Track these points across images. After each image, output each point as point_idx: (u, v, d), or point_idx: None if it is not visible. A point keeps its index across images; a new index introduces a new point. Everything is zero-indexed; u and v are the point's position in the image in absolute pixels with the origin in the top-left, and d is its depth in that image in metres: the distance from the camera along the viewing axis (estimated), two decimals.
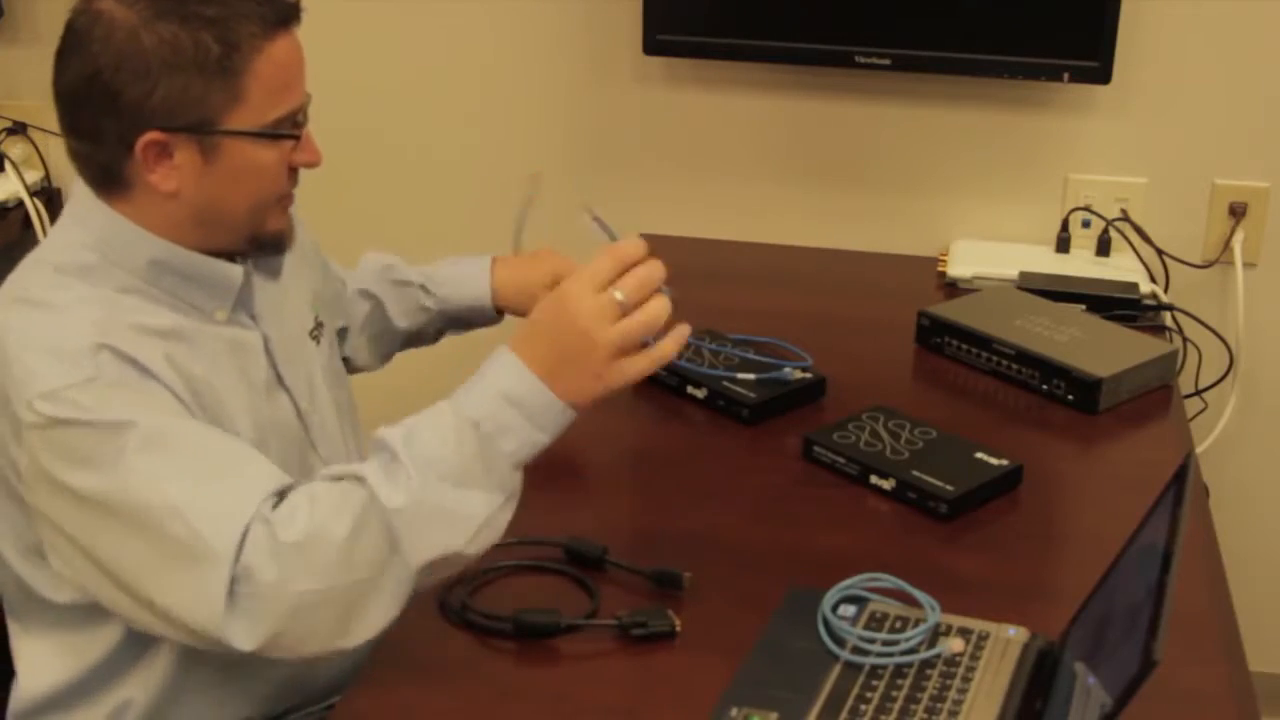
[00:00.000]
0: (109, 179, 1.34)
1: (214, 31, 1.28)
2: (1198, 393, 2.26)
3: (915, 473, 1.57)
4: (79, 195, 1.38)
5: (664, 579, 1.41)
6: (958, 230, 2.35)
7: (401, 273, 1.78)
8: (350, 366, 1.77)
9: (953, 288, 2.18)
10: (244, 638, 1.21)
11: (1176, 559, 1.08)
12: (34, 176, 2.55)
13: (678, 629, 1.34)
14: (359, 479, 1.23)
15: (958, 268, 2.20)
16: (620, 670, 1.31)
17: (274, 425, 1.44)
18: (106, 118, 1.30)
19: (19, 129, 2.55)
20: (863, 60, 2.21)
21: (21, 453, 1.28)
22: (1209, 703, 1.27)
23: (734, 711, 1.22)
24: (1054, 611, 1.33)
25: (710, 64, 2.34)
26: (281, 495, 1.25)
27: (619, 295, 1.25)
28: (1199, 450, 2.25)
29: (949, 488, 1.54)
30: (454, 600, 1.39)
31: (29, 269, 1.37)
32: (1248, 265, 2.29)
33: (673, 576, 1.41)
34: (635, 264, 1.27)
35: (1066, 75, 2.15)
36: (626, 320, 1.26)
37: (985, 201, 2.34)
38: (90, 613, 1.36)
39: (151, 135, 1.29)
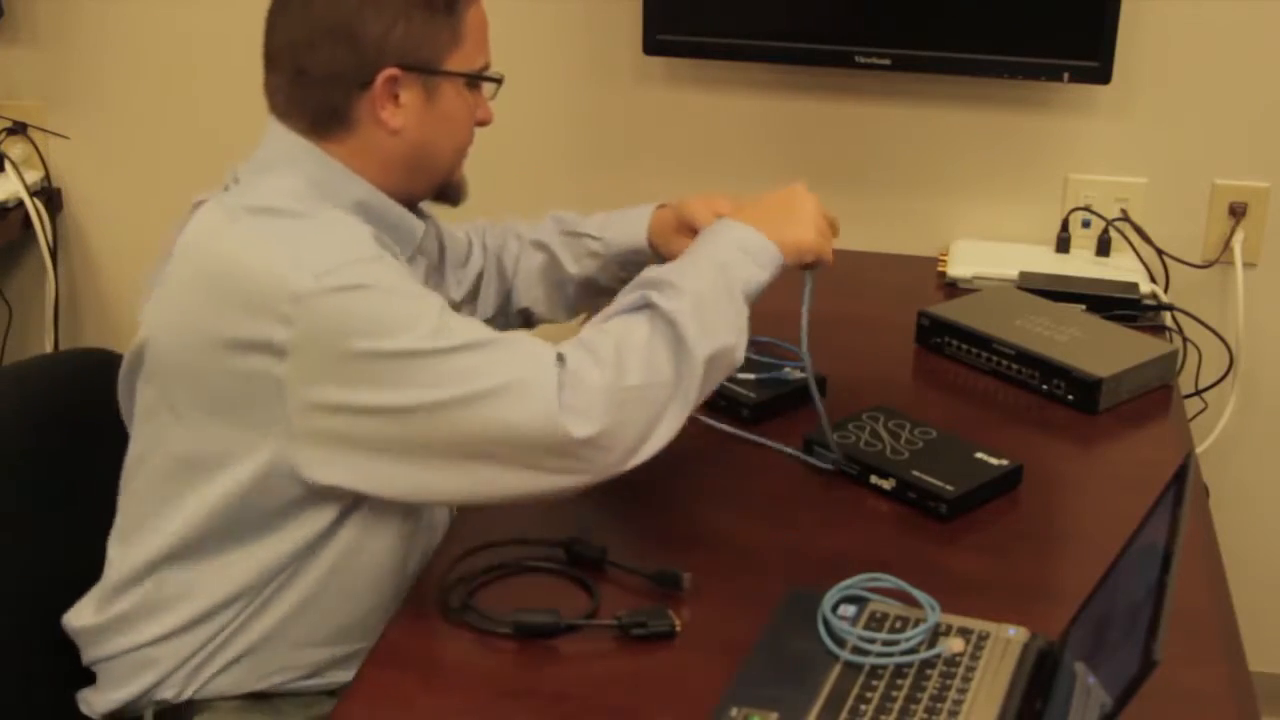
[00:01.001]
0: (332, 119, 1.41)
1: None
2: (1198, 393, 2.26)
3: (915, 473, 1.57)
4: (285, 141, 1.42)
5: (664, 579, 1.41)
6: (958, 230, 2.35)
7: (573, 224, 1.80)
8: (534, 317, 1.81)
9: (953, 288, 2.18)
10: (580, 428, 1.30)
11: (1176, 559, 1.08)
12: (34, 176, 2.55)
13: (678, 629, 1.34)
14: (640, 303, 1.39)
15: (958, 268, 2.20)
16: (620, 670, 1.31)
17: None
18: (346, 56, 1.38)
19: (19, 129, 2.55)
20: (863, 60, 2.21)
21: (302, 325, 1.29)
22: (1209, 703, 1.27)
23: (734, 711, 1.22)
24: (1054, 611, 1.33)
25: (710, 64, 2.34)
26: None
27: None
28: (1199, 450, 2.25)
29: (949, 488, 1.54)
30: (454, 600, 1.39)
31: (250, 199, 1.38)
32: (1248, 265, 2.29)
33: (673, 576, 1.41)
34: None
35: (1066, 75, 2.15)
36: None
37: (985, 201, 2.34)
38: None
39: (390, 71, 1.39)
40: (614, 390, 1.32)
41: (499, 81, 1.49)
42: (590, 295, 1.81)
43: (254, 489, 1.37)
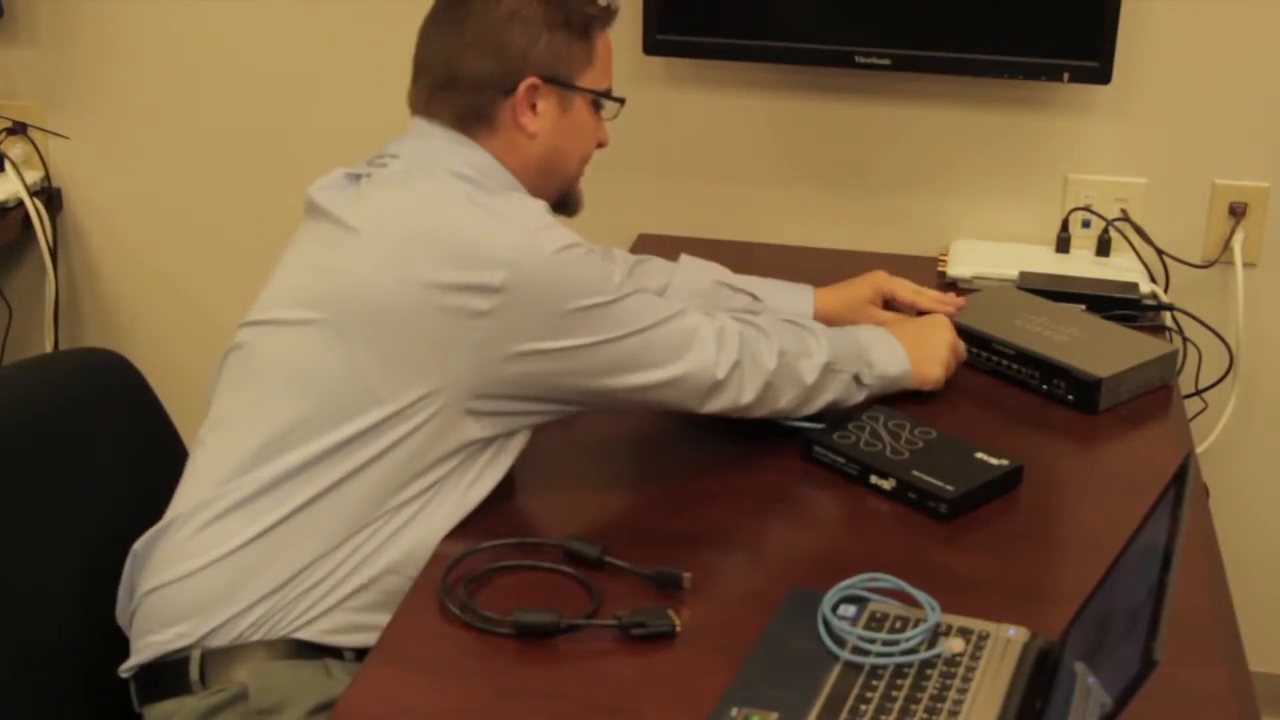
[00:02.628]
0: (477, 119, 1.57)
1: (577, 4, 1.60)
2: (1198, 393, 2.26)
3: (915, 473, 1.57)
4: (434, 131, 1.57)
5: (664, 579, 1.41)
6: (958, 230, 2.35)
7: (727, 277, 1.93)
8: None
9: (953, 288, 2.17)
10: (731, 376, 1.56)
11: (1176, 559, 1.08)
12: (34, 176, 2.55)
13: (678, 629, 1.34)
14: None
15: (958, 268, 2.20)
16: (620, 670, 1.31)
17: None
18: (494, 65, 1.56)
19: (19, 129, 2.55)
20: (863, 60, 2.21)
21: (509, 278, 1.42)
22: (1209, 703, 1.27)
23: (734, 711, 1.22)
24: (1054, 611, 1.33)
25: (710, 64, 2.34)
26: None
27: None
28: (1199, 450, 2.25)
29: (949, 488, 1.54)
30: (454, 600, 1.39)
31: (441, 179, 1.52)
32: (1248, 265, 2.29)
33: (673, 576, 1.41)
34: None
35: (1066, 75, 2.15)
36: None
37: (985, 201, 2.34)
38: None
39: (531, 80, 1.56)
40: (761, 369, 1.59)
41: (622, 102, 1.66)
42: None
43: (410, 438, 1.47)
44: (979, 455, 1.61)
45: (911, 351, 1.74)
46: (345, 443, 1.46)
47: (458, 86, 1.57)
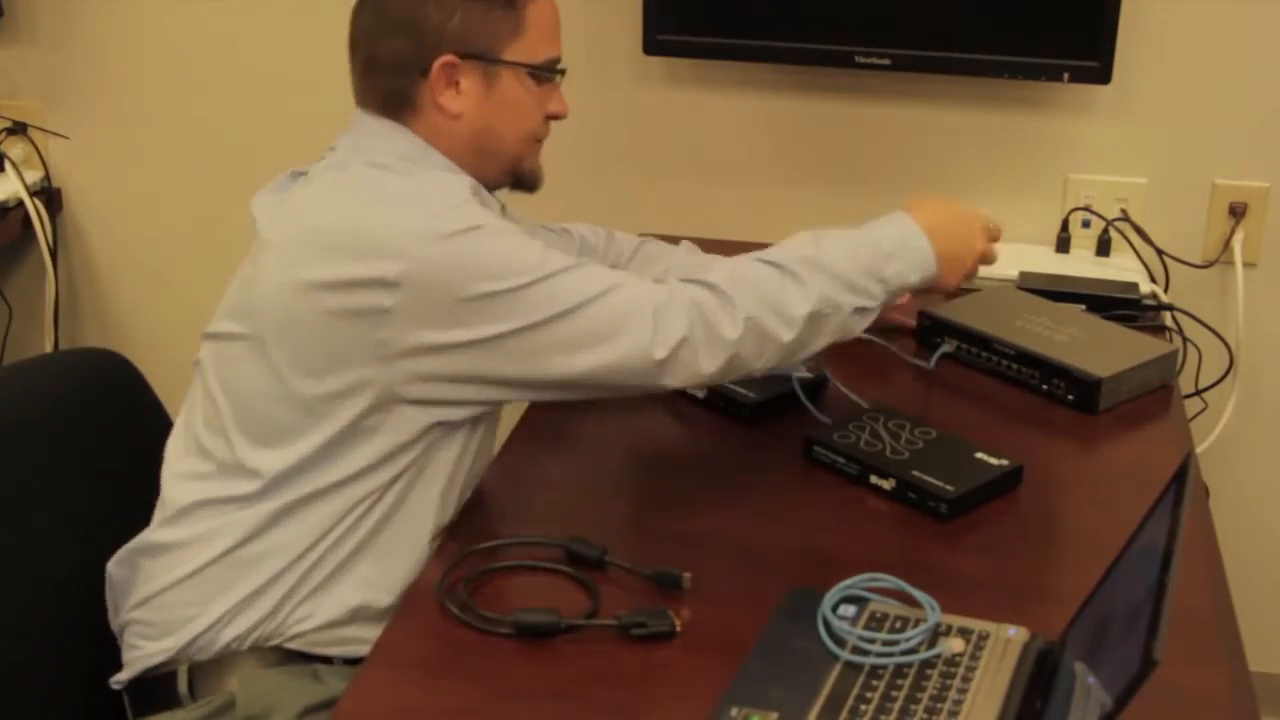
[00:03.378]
0: (400, 104, 1.51)
1: None
2: (1198, 393, 2.26)
3: (915, 473, 1.57)
4: (367, 122, 1.53)
5: (664, 579, 1.41)
6: None
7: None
8: None
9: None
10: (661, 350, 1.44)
11: (1176, 559, 1.08)
12: (34, 176, 2.55)
13: (678, 629, 1.34)
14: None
15: None
16: (620, 670, 1.31)
17: None
18: (408, 40, 1.48)
19: (19, 129, 2.55)
20: (863, 60, 2.20)
21: (414, 262, 1.37)
22: (1209, 703, 1.27)
23: (734, 711, 1.22)
24: (1054, 611, 1.33)
25: (710, 64, 2.34)
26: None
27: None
28: (1199, 450, 2.25)
29: (949, 488, 1.54)
30: (454, 600, 1.39)
31: (353, 166, 1.48)
32: (1248, 265, 2.29)
33: (673, 576, 1.41)
34: None
35: (1066, 75, 2.15)
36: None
37: (985, 201, 2.34)
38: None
39: (446, 58, 1.48)
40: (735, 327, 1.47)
41: (561, 73, 1.57)
42: None
43: (351, 428, 1.44)
44: (979, 455, 1.61)
45: (940, 252, 1.60)
46: (294, 457, 1.44)
47: (379, 70, 1.52)
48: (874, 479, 1.59)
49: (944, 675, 1.25)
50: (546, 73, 1.55)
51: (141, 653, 1.49)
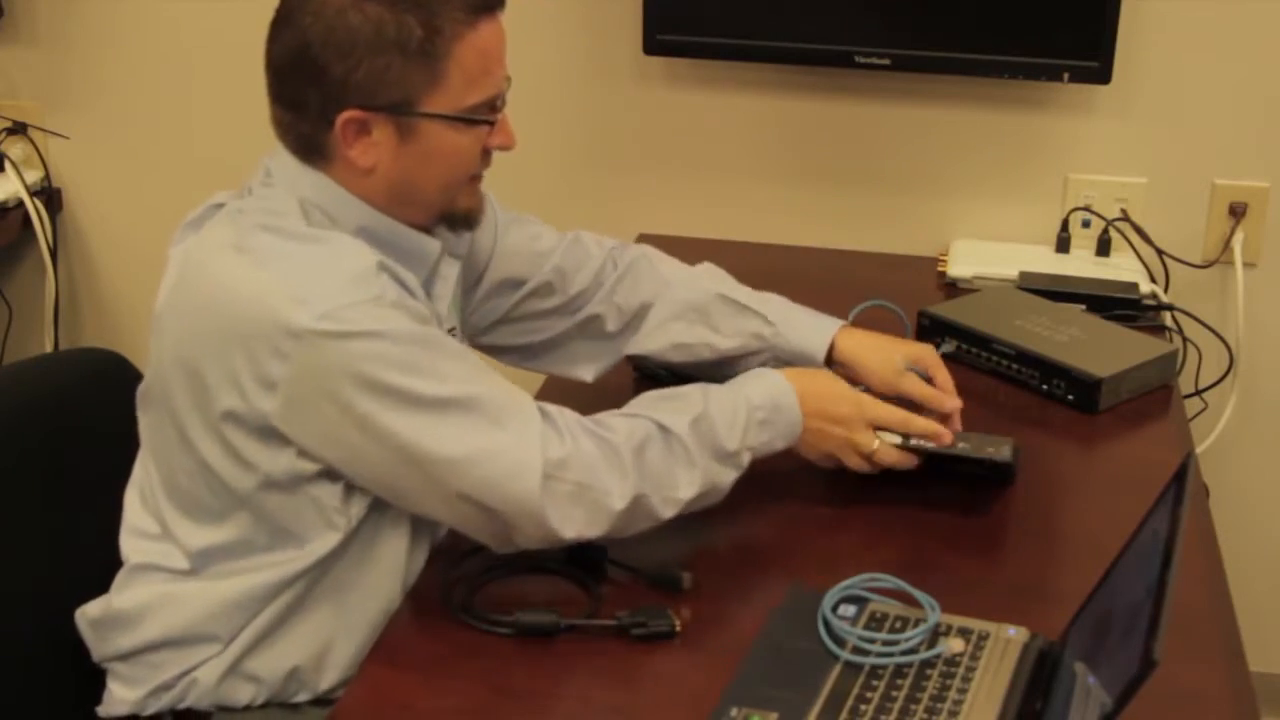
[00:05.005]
0: (311, 148, 1.38)
1: (419, 15, 1.33)
2: (1198, 393, 2.26)
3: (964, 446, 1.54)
4: (285, 161, 1.40)
5: (664, 579, 1.41)
6: (958, 230, 2.35)
7: (737, 291, 1.73)
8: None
9: (953, 288, 2.18)
10: (559, 523, 1.35)
11: (1176, 559, 1.08)
12: (34, 176, 2.55)
13: (678, 629, 1.34)
14: (646, 417, 1.42)
15: (958, 268, 2.20)
16: (620, 670, 1.31)
17: None
18: (311, 90, 1.34)
19: (19, 129, 2.55)
20: (863, 60, 2.20)
21: (295, 363, 1.28)
22: (1209, 703, 1.27)
23: (734, 711, 1.22)
24: (1054, 611, 1.33)
25: (710, 64, 2.34)
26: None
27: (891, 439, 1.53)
28: (1199, 450, 2.25)
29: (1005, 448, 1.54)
30: (454, 600, 1.39)
31: (255, 215, 1.37)
32: (1248, 265, 2.29)
33: (673, 577, 1.41)
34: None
35: (1066, 75, 2.15)
36: (888, 411, 1.54)
37: (985, 201, 2.34)
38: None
39: (351, 113, 1.34)
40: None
41: (491, 124, 1.41)
42: (714, 369, 1.70)
43: (275, 498, 1.38)
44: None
45: (818, 427, 1.51)
46: (222, 537, 1.40)
47: (285, 109, 1.38)
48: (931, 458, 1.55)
49: (944, 675, 1.25)
50: (476, 120, 1.40)
51: (117, 698, 1.46)
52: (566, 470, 1.34)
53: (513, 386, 1.38)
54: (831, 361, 1.67)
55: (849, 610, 1.34)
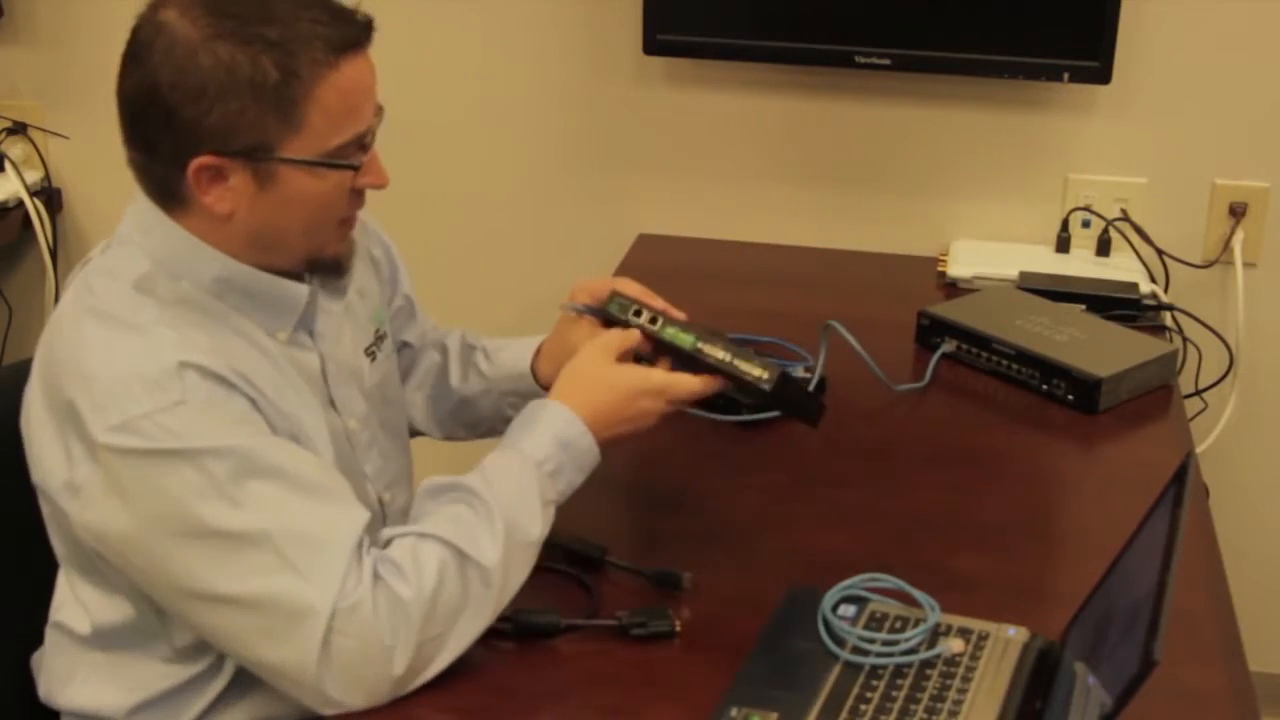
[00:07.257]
0: (167, 193, 1.31)
1: (274, 56, 1.23)
2: (1198, 393, 2.26)
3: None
4: (142, 207, 1.34)
5: (664, 579, 1.41)
6: (958, 230, 2.35)
7: (473, 338, 1.69)
8: (410, 429, 1.67)
9: (953, 288, 2.18)
10: (339, 690, 1.23)
11: (1176, 559, 1.08)
12: (34, 176, 2.55)
13: (678, 629, 1.34)
14: (443, 541, 1.27)
15: (958, 268, 2.20)
16: (620, 670, 1.31)
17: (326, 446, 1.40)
18: (162, 133, 1.26)
19: (19, 129, 2.55)
20: (863, 60, 2.21)
21: (94, 469, 1.25)
22: (1209, 703, 1.27)
23: (734, 711, 1.22)
24: (1054, 611, 1.33)
25: (710, 64, 2.34)
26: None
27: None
28: (1199, 450, 2.25)
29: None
30: None
31: (100, 279, 1.33)
32: (1248, 265, 2.29)
33: (673, 576, 1.41)
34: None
35: (1066, 75, 2.15)
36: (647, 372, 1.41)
37: (985, 201, 2.34)
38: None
39: (204, 159, 1.25)
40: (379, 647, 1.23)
41: (354, 168, 1.31)
42: (475, 425, 1.68)
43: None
44: None
45: (601, 421, 1.38)
46: (119, 615, 1.36)
47: (137, 151, 1.30)
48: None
49: (944, 675, 1.25)
50: (338, 165, 1.30)
51: None
52: (351, 624, 1.22)
53: (339, 512, 1.27)
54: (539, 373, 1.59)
55: (849, 610, 1.34)
